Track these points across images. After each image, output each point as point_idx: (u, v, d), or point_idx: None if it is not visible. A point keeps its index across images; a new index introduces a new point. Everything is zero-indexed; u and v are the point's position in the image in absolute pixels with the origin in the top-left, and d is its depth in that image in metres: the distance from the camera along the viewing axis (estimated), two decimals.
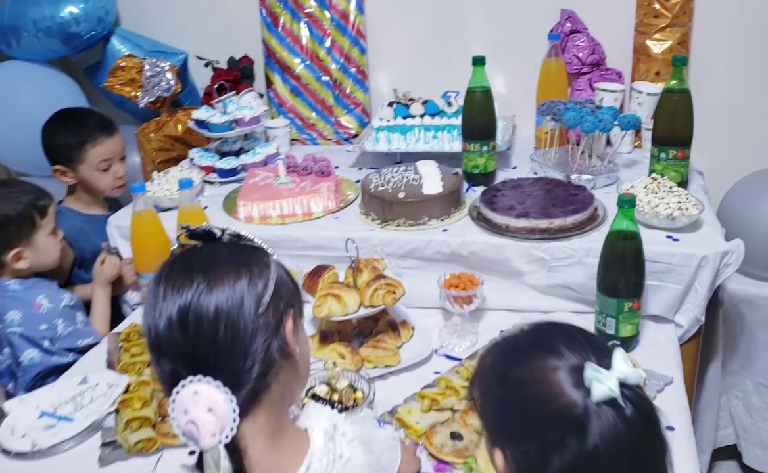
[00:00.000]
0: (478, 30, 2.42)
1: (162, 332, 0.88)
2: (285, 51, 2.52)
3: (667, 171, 1.82)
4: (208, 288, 0.87)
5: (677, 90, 1.77)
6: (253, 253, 0.94)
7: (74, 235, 2.06)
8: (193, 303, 0.87)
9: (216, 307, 0.87)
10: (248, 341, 0.88)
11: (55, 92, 2.55)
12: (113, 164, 2.12)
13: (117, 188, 2.15)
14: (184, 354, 0.88)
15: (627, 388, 0.75)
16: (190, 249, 0.95)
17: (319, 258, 1.79)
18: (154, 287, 0.91)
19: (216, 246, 0.94)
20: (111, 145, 2.11)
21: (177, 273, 0.90)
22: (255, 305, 0.89)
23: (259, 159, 2.23)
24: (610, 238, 1.49)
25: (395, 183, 1.87)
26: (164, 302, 0.88)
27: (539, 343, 0.82)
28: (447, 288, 1.62)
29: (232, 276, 0.89)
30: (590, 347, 0.79)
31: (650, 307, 1.62)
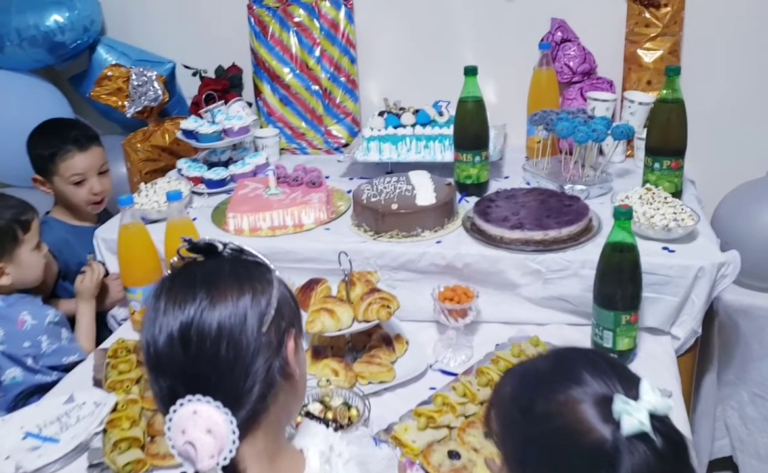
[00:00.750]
0: (469, 39, 2.41)
1: (162, 348, 0.85)
2: (274, 60, 2.48)
3: (661, 181, 1.80)
4: (211, 304, 0.85)
5: (671, 100, 1.76)
6: (255, 269, 0.91)
7: (59, 247, 2.02)
8: (195, 319, 0.84)
9: (219, 324, 0.84)
10: (250, 360, 0.85)
11: (39, 102, 2.50)
12: (89, 179, 2.04)
13: (94, 204, 2.08)
14: (184, 372, 0.85)
15: (657, 420, 0.72)
16: (191, 262, 0.92)
17: (310, 271, 1.76)
18: (154, 301, 0.88)
19: (218, 261, 0.91)
20: (84, 160, 2.03)
21: (179, 287, 0.87)
22: (258, 323, 0.86)
23: (248, 169, 2.20)
24: (607, 250, 1.47)
25: (388, 194, 1.85)
26: (165, 317, 0.85)
27: (562, 372, 0.78)
28: (441, 302, 1.59)
29: (236, 292, 0.86)
30: (615, 375, 0.76)
31: (646, 319, 1.60)
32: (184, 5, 2.60)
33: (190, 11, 2.61)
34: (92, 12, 2.51)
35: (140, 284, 1.75)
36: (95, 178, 2.05)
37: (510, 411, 0.81)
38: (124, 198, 1.71)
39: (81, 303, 1.84)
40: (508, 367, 1.49)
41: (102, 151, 2.09)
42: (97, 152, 2.07)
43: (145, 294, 1.76)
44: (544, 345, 1.58)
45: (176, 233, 1.72)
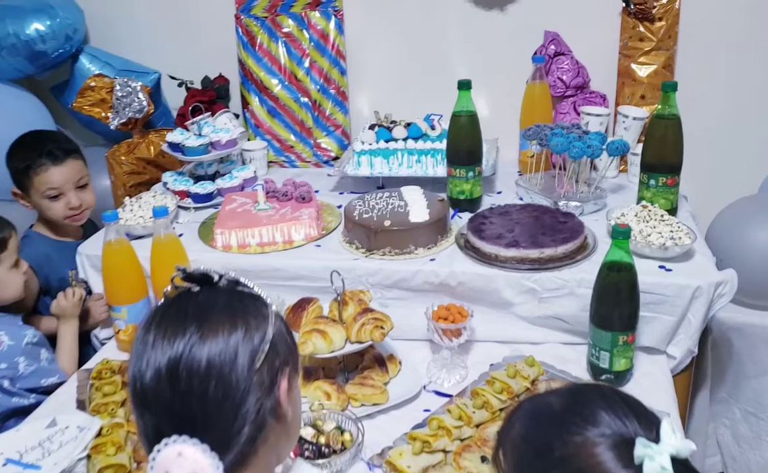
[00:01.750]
0: (461, 51, 2.40)
1: (148, 384, 0.83)
2: (262, 71, 2.47)
3: (656, 198, 1.80)
4: (201, 339, 0.82)
5: (667, 116, 1.76)
6: (251, 303, 0.89)
7: (39, 262, 1.97)
8: (184, 354, 0.82)
9: (208, 361, 0.82)
10: (240, 400, 0.82)
11: (19, 113, 2.46)
12: (65, 193, 1.98)
13: (71, 218, 2.01)
14: (171, 411, 0.82)
15: (679, 463, 0.69)
16: (184, 292, 0.89)
17: (301, 289, 1.74)
18: (143, 333, 0.85)
19: (212, 292, 0.89)
20: (58, 173, 1.96)
21: (169, 320, 0.85)
22: (249, 361, 0.84)
23: (236, 183, 2.17)
24: (604, 270, 1.47)
25: (380, 210, 1.83)
26: (153, 351, 0.83)
27: (577, 411, 0.75)
28: (435, 321, 1.58)
29: (227, 327, 0.84)
30: (633, 414, 0.72)
31: (642, 339, 1.60)
32: (170, 14, 2.58)
33: (176, 20, 2.58)
34: (75, 20, 2.46)
35: (125, 302, 1.72)
36: (72, 192, 1.99)
37: (523, 452, 0.78)
38: (108, 214, 1.67)
39: (62, 322, 1.80)
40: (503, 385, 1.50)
41: (80, 165, 2.02)
42: (74, 165, 2.00)
43: (130, 312, 1.73)
44: (539, 365, 1.57)
45: (162, 250, 1.71)
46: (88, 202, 2.03)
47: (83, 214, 2.03)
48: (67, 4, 2.47)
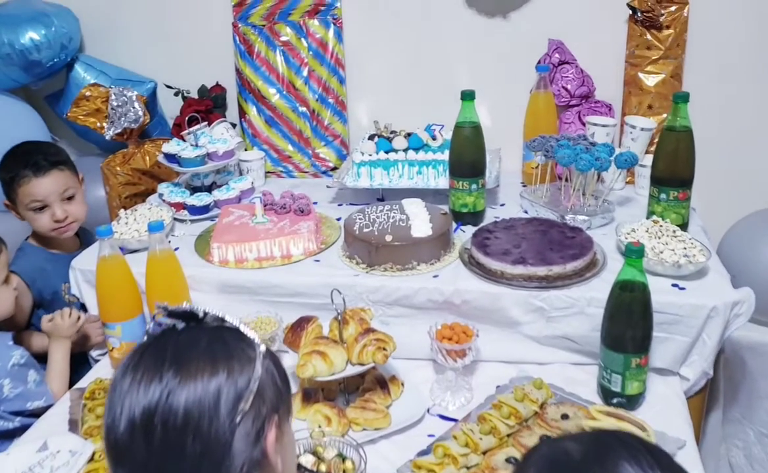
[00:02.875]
0: (462, 59, 2.32)
1: (122, 436, 0.75)
2: (260, 80, 2.39)
3: (667, 213, 1.72)
4: (178, 386, 0.74)
5: (678, 128, 1.68)
6: (236, 344, 0.81)
7: (32, 275, 1.90)
8: (160, 403, 0.74)
9: (185, 411, 0.73)
10: (221, 456, 0.74)
11: (13, 123, 2.38)
12: (50, 205, 1.89)
13: (58, 230, 1.92)
14: (146, 467, 0.74)
15: None
16: (166, 331, 0.81)
17: (300, 306, 1.67)
18: (120, 376, 0.77)
19: (195, 332, 0.81)
20: (41, 185, 1.88)
21: (146, 363, 0.77)
22: (232, 411, 0.75)
23: (233, 195, 2.10)
24: (616, 290, 1.39)
25: (381, 224, 1.75)
26: (128, 397, 0.75)
27: (599, 462, 0.68)
28: (439, 341, 1.50)
29: (208, 372, 0.76)
30: (659, 467, 0.66)
31: (654, 360, 1.52)
32: (167, 22, 2.50)
33: (172, 28, 2.50)
34: (70, 29, 2.39)
35: (119, 319, 1.64)
36: (57, 204, 1.90)
37: None
38: (102, 229, 1.59)
39: (53, 342, 1.72)
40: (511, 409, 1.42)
41: (66, 176, 1.92)
42: (59, 177, 1.91)
43: (124, 329, 1.65)
44: (547, 388, 1.48)
45: (157, 266, 1.63)
46: (75, 215, 1.94)
47: (70, 226, 1.94)
48: (62, 12, 2.40)
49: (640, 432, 1.30)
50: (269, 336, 1.55)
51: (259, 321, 1.61)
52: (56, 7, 2.41)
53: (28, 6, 2.37)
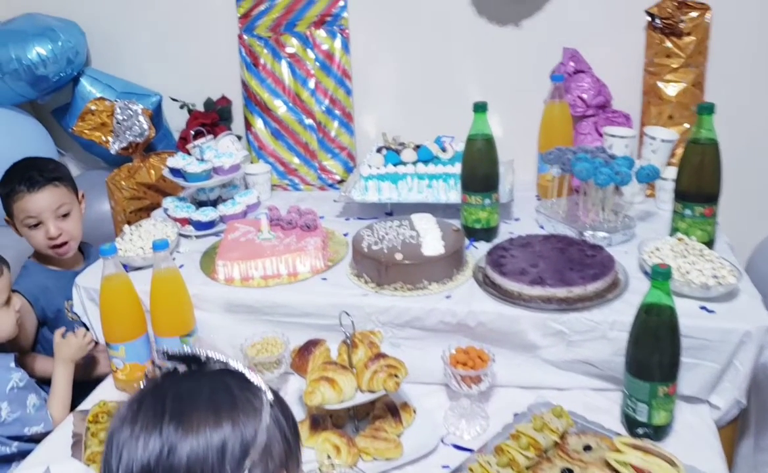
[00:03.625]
0: (473, 69, 2.23)
1: None
2: (266, 92, 2.30)
3: (692, 230, 1.61)
4: (180, 440, 0.66)
5: (703, 141, 1.57)
6: (241, 392, 0.72)
7: (35, 294, 1.83)
8: (161, 460, 0.66)
9: (187, 468, 0.66)
10: None
11: (20, 137, 2.33)
12: (45, 222, 1.81)
13: (53, 248, 1.84)
14: None
15: None
16: (167, 375, 0.72)
17: (307, 327, 1.57)
18: (117, 427, 0.69)
19: (197, 378, 0.72)
20: (34, 201, 1.80)
21: (144, 413, 0.69)
22: (236, 467, 0.67)
23: (238, 209, 2.00)
24: (642, 314, 1.28)
25: (390, 241, 1.65)
26: (125, 452, 0.67)
27: None
28: (453, 366, 1.39)
29: (210, 424, 0.68)
30: None
31: (682, 387, 1.40)
32: (172, 35, 2.42)
33: (178, 41, 2.42)
34: (76, 43, 2.33)
35: (123, 340, 1.56)
36: (52, 221, 1.81)
37: None
38: (106, 247, 1.51)
39: (58, 364, 1.64)
40: (530, 440, 1.31)
41: (61, 192, 1.84)
42: (54, 193, 1.82)
43: (128, 350, 1.57)
44: (567, 416, 1.38)
45: (162, 285, 1.54)
46: (70, 232, 1.86)
47: (66, 245, 1.86)
48: (68, 27, 2.34)
49: (670, 468, 1.19)
50: (275, 358, 1.46)
51: (265, 342, 1.52)
52: (63, 22, 2.35)
53: (34, 21, 2.32)
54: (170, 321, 1.54)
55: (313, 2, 2.23)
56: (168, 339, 1.53)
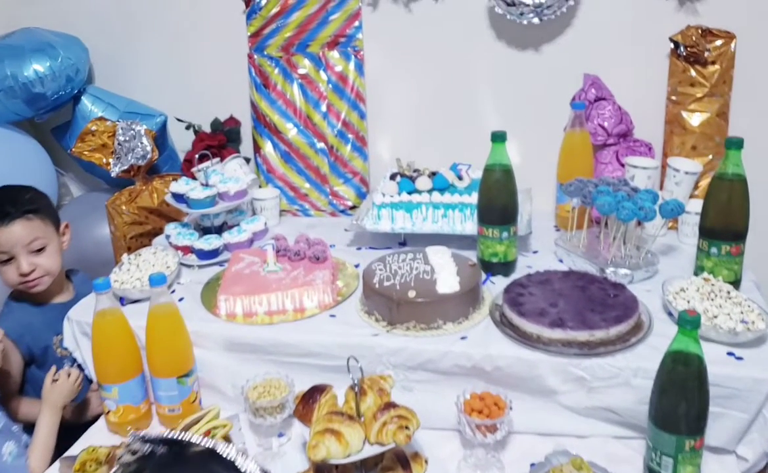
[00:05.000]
0: (491, 94, 2.20)
1: None
2: (276, 114, 2.28)
3: (718, 269, 1.58)
4: None
5: (731, 176, 1.54)
6: None
7: (20, 332, 1.76)
8: None
9: None
10: None
11: (16, 157, 2.29)
12: (17, 256, 1.74)
13: (26, 284, 1.77)
14: None
15: None
16: (143, 458, 0.68)
17: (313, 368, 1.54)
18: None
19: (179, 466, 0.67)
20: (4, 235, 1.72)
21: None
22: None
23: (244, 237, 1.98)
24: (668, 362, 1.24)
25: (403, 276, 1.62)
26: None
27: None
28: (468, 414, 1.36)
29: None
30: None
31: (708, 437, 1.35)
32: (180, 52, 2.41)
33: (185, 59, 2.41)
34: (77, 60, 2.30)
35: (116, 381, 1.52)
36: (24, 256, 1.74)
37: None
38: (99, 282, 1.48)
39: (46, 408, 1.58)
40: None
41: (35, 226, 1.76)
42: (26, 227, 1.75)
43: (121, 392, 1.53)
44: (588, 468, 1.33)
45: (159, 323, 1.52)
46: (45, 268, 1.78)
47: (38, 281, 1.78)
48: (69, 42, 2.31)
49: None
50: (279, 402, 1.42)
51: (268, 383, 1.48)
52: (63, 38, 2.33)
53: (33, 36, 2.29)
54: (167, 360, 1.51)
55: (326, 22, 2.22)
56: (165, 380, 1.50)
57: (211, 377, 1.61)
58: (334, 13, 2.21)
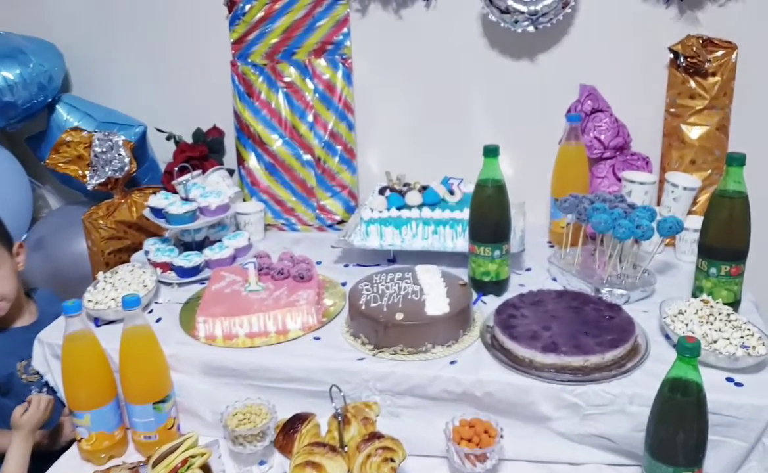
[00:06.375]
0: (483, 105, 2.20)
1: None
2: (260, 124, 2.27)
3: (717, 290, 1.57)
4: None
5: (732, 194, 1.53)
6: None
7: None
8: None
9: None
10: None
11: None
12: None
13: None
14: None
15: None
16: None
17: (296, 393, 1.53)
18: None
19: None
20: None
21: None
22: None
23: (226, 254, 1.96)
24: (665, 391, 1.23)
25: (391, 297, 1.60)
26: None
27: None
28: (457, 443, 1.34)
29: None
30: None
31: (707, 466, 1.35)
32: (161, 59, 2.39)
33: (166, 67, 2.39)
34: (51, 67, 2.27)
35: (88, 407, 1.50)
36: None
37: None
38: (69, 304, 1.45)
39: (15, 437, 1.55)
40: None
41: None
42: None
43: (94, 419, 1.50)
44: None
45: (133, 346, 1.50)
46: (3, 292, 1.76)
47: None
48: (42, 49, 2.29)
49: None
50: (259, 430, 1.40)
51: (249, 410, 1.47)
52: (36, 44, 2.30)
53: (2, 42, 2.25)
54: (142, 386, 1.49)
55: (313, 29, 2.20)
56: (140, 407, 1.48)
57: (189, 402, 1.59)
58: (321, 19, 2.20)
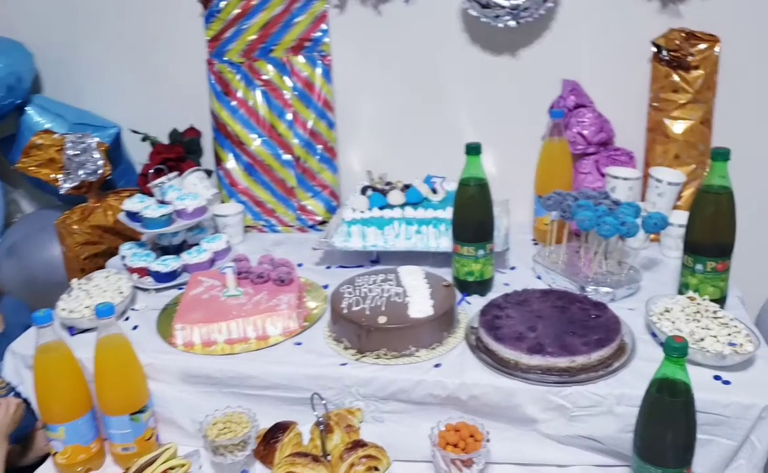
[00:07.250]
0: (466, 102, 2.18)
1: None
2: (238, 124, 2.24)
3: (703, 286, 1.57)
4: None
5: (717, 189, 1.53)
6: None
7: None
8: None
9: None
10: None
11: None
12: None
13: None
14: None
15: None
16: None
17: (276, 400, 1.52)
18: None
19: None
20: None
21: None
22: None
23: (204, 257, 1.94)
24: (653, 391, 1.22)
25: (374, 300, 1.59)
26: None
27: None
28: (442, 448, 1.34)
29: None
30: None
31: (695, 465, 1.34)
32: (134, 59, 2.35)
33: (140, 66, 2.36)
34: (20, 67, 2.24)
35: (62, 420, 1.47)
36: None
37: None
38: (39, 315, 1.42)
39: None
40: None
41: None
42: None
43: (68, 431, 1.48)
44: None
45: (107, 356, 1.47)
46: None
47: None
48: (10, 49, 2.25)
49: None
50: (240, 439, 1.39)
51: (229, 419, 1.45)
52: (4, 43, 2.26)
53: None
54: (118, 397, 1.47)
55: (291, 25, 2.18)
56: (116, 418, 1.46)
57: (168, 412, 1.57)
58: (298, 16, 2.17)
